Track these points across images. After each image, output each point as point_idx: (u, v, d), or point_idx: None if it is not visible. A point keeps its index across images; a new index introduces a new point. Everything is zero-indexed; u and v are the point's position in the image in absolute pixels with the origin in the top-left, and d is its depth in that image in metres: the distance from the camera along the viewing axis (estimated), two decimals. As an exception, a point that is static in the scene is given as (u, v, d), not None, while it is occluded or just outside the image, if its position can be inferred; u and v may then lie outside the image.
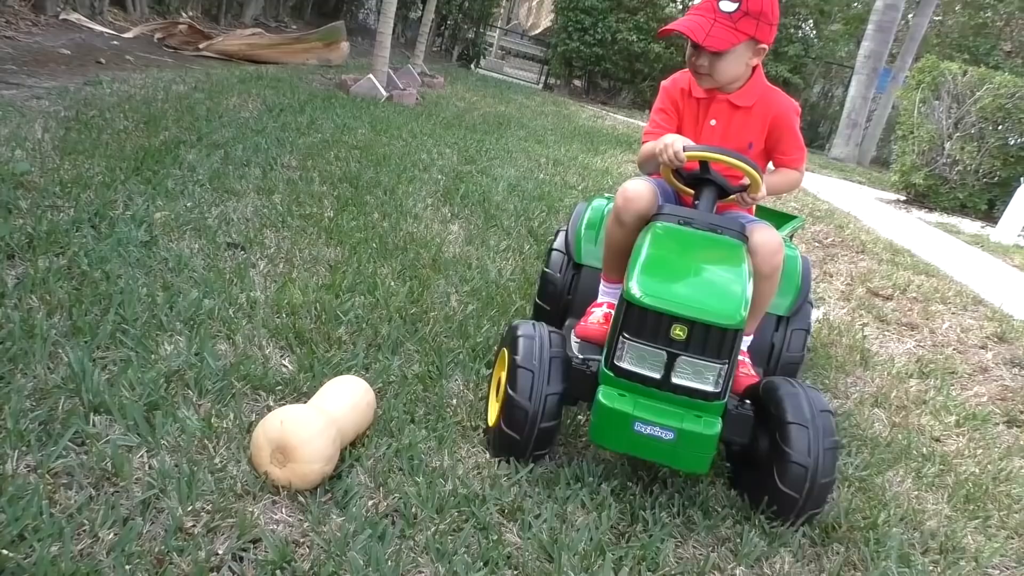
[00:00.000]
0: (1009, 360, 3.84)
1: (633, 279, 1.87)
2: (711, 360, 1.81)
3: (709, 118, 2.31)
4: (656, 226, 2.09)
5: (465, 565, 1.58)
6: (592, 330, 2.28)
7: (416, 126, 6.73)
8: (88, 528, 1.44)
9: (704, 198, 2.17)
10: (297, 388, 2.10)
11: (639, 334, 1.82)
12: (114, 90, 5.33)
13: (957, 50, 18.34)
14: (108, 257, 2.56)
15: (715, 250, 2.04)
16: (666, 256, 1.99)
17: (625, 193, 2.24)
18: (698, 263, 2.01)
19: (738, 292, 1.87)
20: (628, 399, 1.83)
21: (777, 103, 2.31)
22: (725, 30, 2.16)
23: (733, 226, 2.08)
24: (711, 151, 2.12)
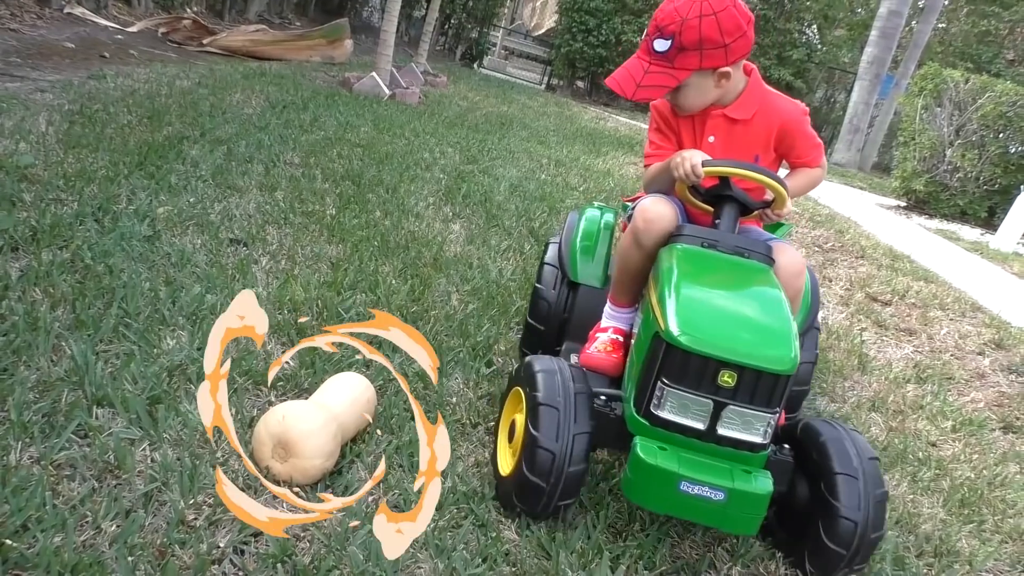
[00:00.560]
0: (1006, 367, 3.85)
1: (671, 317, 1.67)
2: (761, 409, 1.63)
3: (707, 135, 2.15)
4: (678, 249, 1.91)
5: (464, 561, 1.60)
6: (599, 359, 2.13)
7: (419, 125, 6.75)
8: (91, 520, 1.45)
9: (726, 216, 2.00)
10: (298, 384, 2.11)
11: (681, 380, 1.63)
12: (118, 84, 5.34)
13: (960, 58, 18.36)
14: (111, 251, 2.57)
15: (748, 279, 1.87)
16: (701, 288, 1.79)
17: (645, 214, 2.05)
18: (736, 296, 1.84)
19: (788, 333, 1.68)
20: (671, 454, 1.63)
21: (781, 110, 2.16)
22: (659, 75, 2.02)
23: (759, 248, 1.93)
24: (733, 165, 1.96)
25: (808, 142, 2.20)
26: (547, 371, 1.80)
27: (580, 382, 1.81)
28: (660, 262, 1.91)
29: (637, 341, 1.88)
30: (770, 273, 1.89)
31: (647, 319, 1.81)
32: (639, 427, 1.70)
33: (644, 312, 1.90)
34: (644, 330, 1.82)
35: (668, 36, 1.99)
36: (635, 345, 1.89)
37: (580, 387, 1.79)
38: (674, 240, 1.96)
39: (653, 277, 1.91)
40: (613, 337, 2.18)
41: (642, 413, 1.70)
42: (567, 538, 1.75)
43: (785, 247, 2.05)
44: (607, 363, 2.11)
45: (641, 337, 1.83)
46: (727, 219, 2.00)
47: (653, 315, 1.75)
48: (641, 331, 1.86)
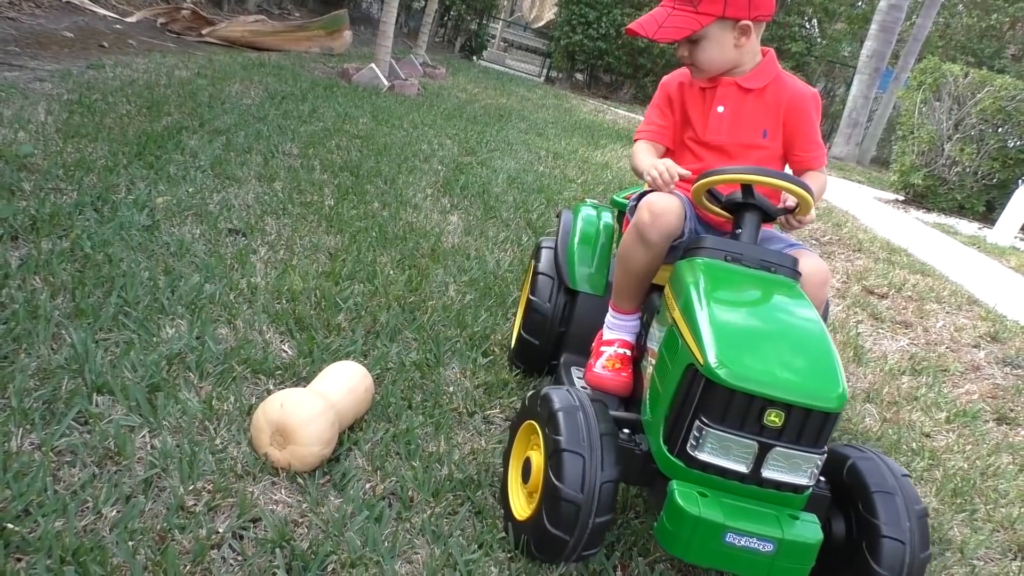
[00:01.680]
0: (1001, 359, 3.87)
1: (710, 349, 1.50)
2: (809, 450, 1.48)
3: (716, 104, 2.06)
4: (700, 264, 1.74)
5: (460, 547, 1.61)
6: (608, 380, 2.01)
7: (417, 116, 6.75)
8: (91, 505, 1.47)
9: (747, 226, 1.84)
10: (296, 373, 2.13)
11: (723, 420, 1.47)
12: (117, 74, 5.34)
13: (961, 52, 18.36)
14: (110, 240, 2.58)
15: (780, 299, 1.71)
16: (735, 313, 1.63)
17: (652, 207, 1.89)
18: (773, 321, 1.66)
19: (835, 366, 1.54)
20: (713, 502, 1.46)
21: (793, 86, 2.07)
22: (682, 17, 1.98)
23: (786, 262, 1.78)
24: (750, 172, 1.81)
25: (812, 135, 2.09)
26: (568, 410, 1.60)
27: (605, 420, 1.63)
28: (681, 278, 1.73)
29: (660, 367, 1.69)
30: (799, 290, 1.75)
31: (673, 344, 1.64)
32: (673, 469, 1.54)
33: (668, 337, 1.70)
34: (671, 357, 1.63)
35: None
36: (658, 372, 1.70)
37: (606, 427, 1.61)
38: (693, 253, 1.80)
39: (675, 294, 1.73)
40: (620, 352, 2.05)
41: (676, 453, 1.54)
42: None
43: (808, 255, 1.94)
44: (617, 383, 2.00)
45: (668, 366, 1.63)
46: (749, 229, 1.84)
47: (684, 343, 1.58)
48: (666, 357, 1.66)
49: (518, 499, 1.71)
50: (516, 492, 1.72)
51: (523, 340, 2.37)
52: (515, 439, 1.79)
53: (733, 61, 2.04)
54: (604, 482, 1.52)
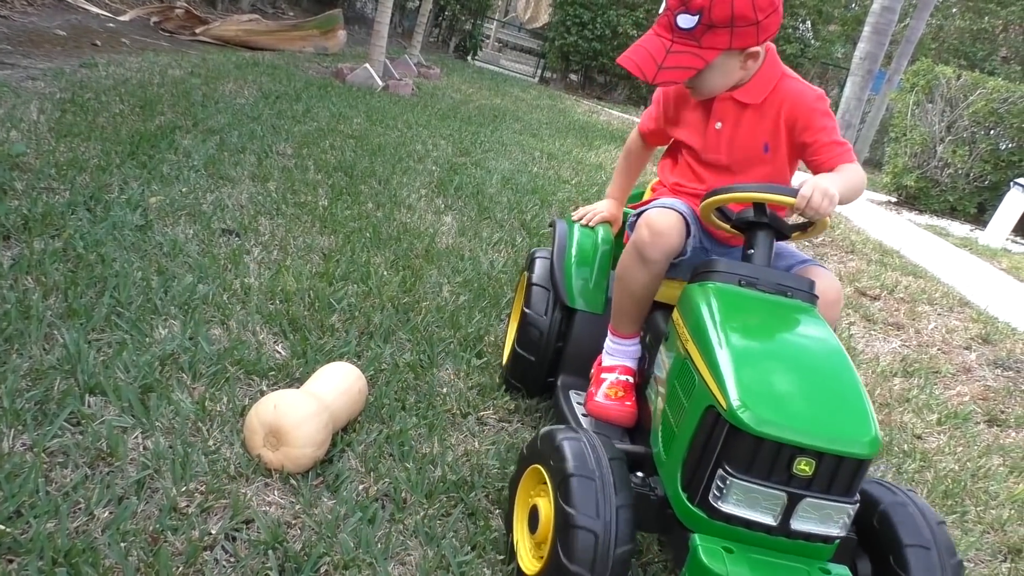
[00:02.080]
0: (992, 361, 3.89)
1: (732, 391, 1.39)
2: (841, 500, 1.38)
3: (714, 120, 1.94)
4: (713, 290, 1.62)
5: (453, 549, 1.62)
6: (611, 410, 1.89)
7: (411, 117, 6.74)
8: (84, 506, 1.47)
9: (761, 246, 1.72)
10: (290, 374, 2.13)
11: (749, 469, 1.36)
12: (110, 73, 5.32)
13: (954, 55, 18.44)
14: (103, 240, 2.58)
15: (800, 328, 1.60)
16: (756, 347, 1.53)
17: (652, 225, 1.79)
18: (795, 355, 1.54)
19: (866, 407, 1.43)
20: (740, 558, 1.36)
21: (789, 91, 1.89)
22: (684, 55, 1.79)
23: (803, 286, 1.67)
24: (752, 190, 1.71)
25: (825, 134, 1.88)
26: (571, 438, 1.52)
27: (610, 448, 1.55)
28: (693, 305, 1.62)
29: (673, 403, 1.58)
30: (820, 318, 1.63)
31: (688, 380, 1.53)
32: (695, 520, 1.43)
33: (681, 370, 1.59)
34: (687, 395, 1.52)
35: (695, 11, 1.75)
36: (670, 407, 1.59)
37: (614, 452, 1.53)
38: (705, 276, 1.67)
39: (686, 322, 1.62)
40: (623, 379, 1.93)
41: (697, 503, 1.43)
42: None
43: (822, 272, 1.83)
44: (621, 414, 1.88)
45: (683, 404, 1.52)
46: (762, 249, 1.72)
47: (702, 382, 1.47)
48: (680, 394, 1.56)
49: (526, 553, 1.58)
50: (524, 547, 1.60)
51: (517, 357, 2.25)
52: (517, 493, 1.66)
53: (737, 81, 1.90)
54: (620, 506, 1.42)
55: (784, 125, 1.90)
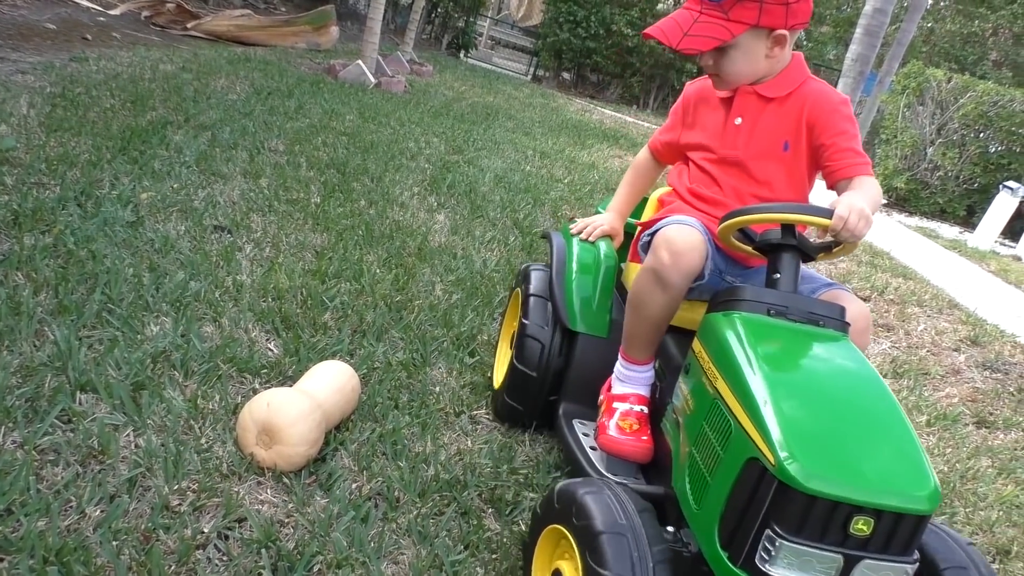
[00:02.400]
0: (981, 363, 3.92)
1: (779, 443, 1.24)
2: (901, 560, 1.25)
3: (733, 116, 1.87)
4: (740, 321, 1.48)
5: (446, 548, 1.62)
6: (626, 445, 1.74)
7: (404, 114, 6.73)
8: (75, 504, 1.46)
9: (787, 269, 1.58)
10: (282, 372, 2.12)
11: (801, 530, 1.23)
12: (100, 67, 5.29)
13: (945, 58, 18.54)
14: (94, 236, 2.56)
15: (842, 365, 1.47)
16: (798, 390, 1.38)
17: (672, 245, 1.65)
18: (843, 400, 1.39)
19: (922, 455, 1.31)
20: None
21: (812, 91, 1.83)
22: (711, 25, 1.74)
23: (834, 313, 1.54)
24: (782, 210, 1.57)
25: (844, 140, 1.79)
26: (593, 492, 1.38)
27: (636, 498, 1.40)
28: (721, 339, 1.48)
29: (703, 448, 1.43)
30: (853, 347, 1.52)
31: (722, 426, 1.38)
32: None
33: (710, 411, 1.44)
34: (722, 442, 1.37)
35: None
36: (700, 452, 1.44)
37: (642, 504, 1.39)
38: (729, 305, 1.54)
39: (714, 358, 1.48)
40: (636, 410, 1.79)
41: (741, 564, 1.29)
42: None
43: (849, 297, 1.72)
44: (638, 450, 1.74)
45: (718, 452, 1.38)
46: (789, 273, 1.58)
47: (740, 429, 1.33)
48: (713, 439, 1.41)
49: None
50: None
51: (517, 374, 2.07)
52: (534, 561, 1.53)
53: (763, 72, 1.83)
54: (658, 562, 1.29)
55: (805, 125, 1.82)
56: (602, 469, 1.75)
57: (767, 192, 1.87)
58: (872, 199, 1.66)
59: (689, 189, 1.95)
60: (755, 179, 1.87)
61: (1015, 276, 6.94)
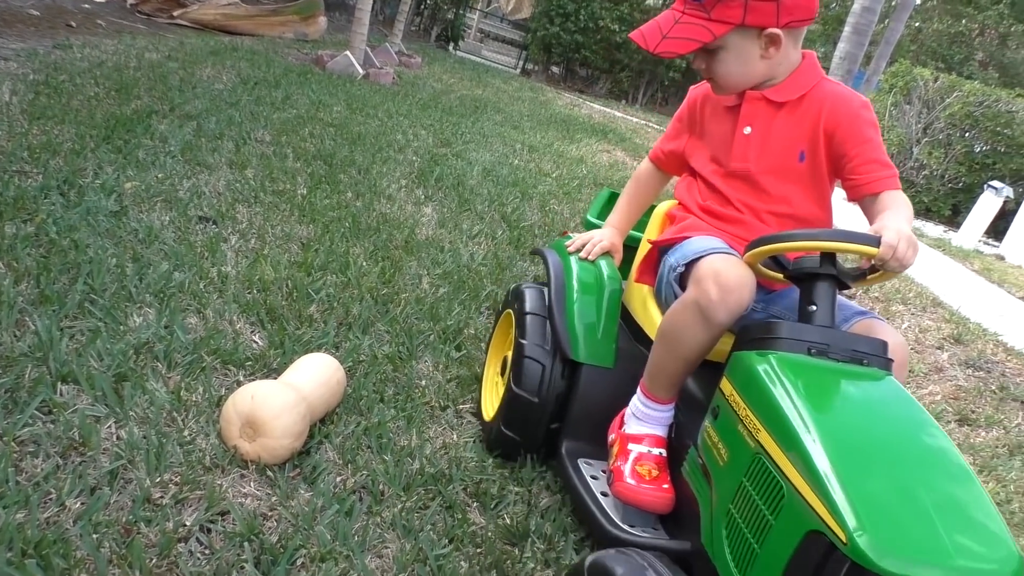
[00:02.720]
0: (964, 361, 3.95)
1: (849, 516, 1.08)
2: None
3: (742, 125, 1.72)
4: (780, 363, 1.33)
5: (431, 542, 1.61)
6: (645, 495, 1.58)
7: (392, 106, 6.69)
8: (55, 496, 1.44)
9: (824, 300, 1.44)
10: (267, 364, 2.10)
11: None
12: (85, 55, 5.22)
13: (932, 57, 18.66)
14: (77, 226, 2.53)
15: (897, 414, 1.32)
16: (858, 448, 1.22)
17: (720, 279, 1.49)
18: (907, 458, 1.24)
19: (1001, 522, 1.17)
20: None
21: (835, 92, 1.68)
22: (691, 26, 1.61)
23: (877, 349, 1.41)
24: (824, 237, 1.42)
25: (869, 150, 1.63)
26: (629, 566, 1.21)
27: (673, 568, 1.24)
28: (759, 384, 1.33)
29: (746, 511, 1.27)
30: (902, 390, 1.38)
31: (772, 489, 1.22)
32: None
33: (754, 470, 1.28)
34: (770, 506, 1.21)
35: None
36: (741, 515, 1.29)
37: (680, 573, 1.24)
38: (765, 344, 1.39)
39: (751, 404, 1.33)
40: (655, 454, 1.64)
41: None
42: (535, 523, 1.77)
43: (885, 328, 1.57)
44: (659, 500, 1.58)
45: (763, 516, 1.22)
46: (826, 305, 1.44)
47: (796, 496, 1.16)
48: (756, 500, 1.25)
49: None
50: None
51: (515, 399, 1.87)
52: None
53: (761, 75, 1.68)
54: None
55: (823, 132, 1.66)
56: (617, 520, 1.60)
57: (785, 208, 1.72)
58: (910, 219, 1.55)
59: (701, 205, 1.81)
60: (769, 194, 1.72)
61: (998, 275, 7.01)
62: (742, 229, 1.72)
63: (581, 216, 4.65)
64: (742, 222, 1.74)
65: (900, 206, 1.57)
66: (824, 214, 1.77)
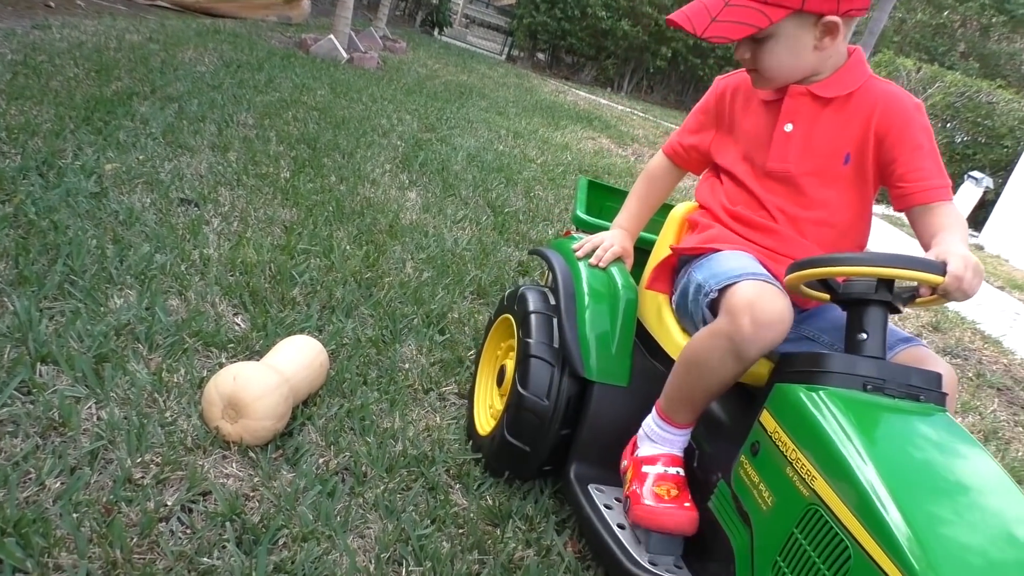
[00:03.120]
0: (942, 349, 4.00)
1: None
2: None
3: (783, 121, 1.58)
4: (835, 402, 1.22)
5: (413, 522, 1.62)
6: (666, 515, 1.47)
7: (377, 90, 6.66)
8: (35, 476, 1.43)
9: (875, 328, 1.32)
10: (250, 347, 2.10)
11: None
12: (64, 35, 5.15)
13: (915, 48, 18.77)
14: (56, 207, 2.50)
15: (961, 459, 1.21)
16: (931, 502, 1.10)
17: (757, 313, 1.35)
18: (977, 510, 1.13)
19: None
20: None
21: (888, 92, 1.55)
22: (745, 10, 1.46)
23: (932, 383, 1.30)
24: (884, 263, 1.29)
25: (921, 157, 1.51)
26: None
27: None
28: (812, 426, 1.21)
29: (800, 567, 1.15)
30: (961, 429, 1.27)
31: (829, 544, 1.11)
32: None
33: (809, 522, 1.16)
34: (830, 565, 1.10)
35: None
36: (790, 568, 1.17)
37: None
38: (813, 377, 1.28)
39: (802, 447, 1.21)
40: (672, 473, 1.52)
41: None
42: (516, 504, 1.78)
43: (932, 356, 1.46)
44: (682, 521, 1.46)
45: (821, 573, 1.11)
46: (878, 334, 1.32)
47: (865, 558, 1.05)
48: (811, 555, 1.14)
49: None
50: None
51: (522, 405, 1.71)
52: None
53: (811, 68, 1.55)
54: None
55: (874, 135, 1.53)
56: (637, 556, 1.46)
57: (823, 214, 1.59)
58: (967, 238, 1.44)
59: (728, 210, 1.66)
60: (808, 198, 1.59)
61: (977, 264, 7.07)
62: (775, 240, 1.59)
63: (566, 204, 4.66)
64: (775, 232, 1.59)
65: (957, 225, 1.45)
66: (862, 224, 1.65)
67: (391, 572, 1.50)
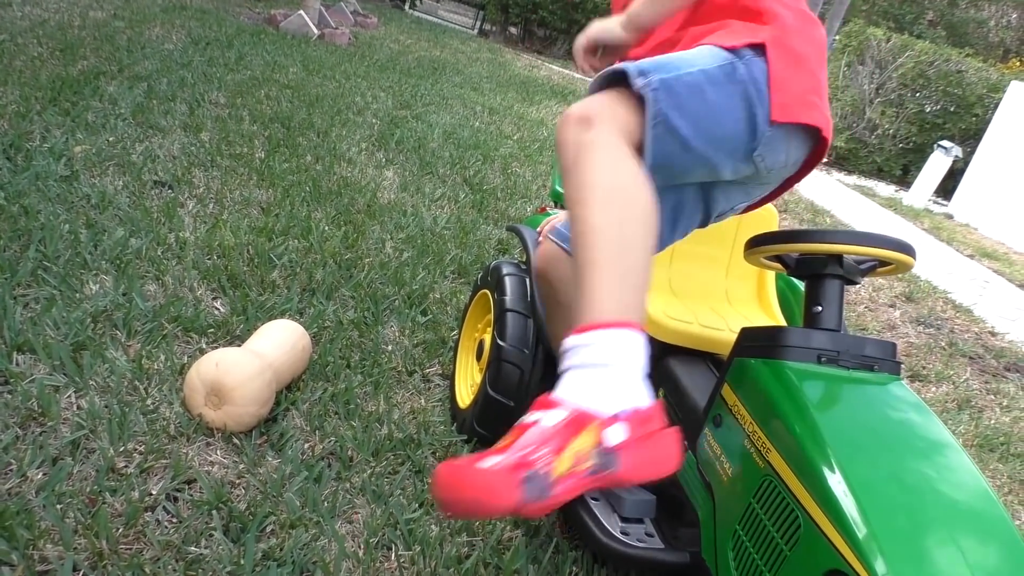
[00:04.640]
0: (915, 319, 4.07)
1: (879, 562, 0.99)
2: None
3: None
4: (790, 375, 1.25)
5: (400, 507, 1.62)
6: None
7: (349, 67, 6.56)
8: (16, 467, 1.41)
9: (831, 301, 1.34)
10: (230, 331, 2.07)
11: None
12: (25, 13, 5.01)
13: (884, 17, 18.84)
14: (26, 191, 2.45)
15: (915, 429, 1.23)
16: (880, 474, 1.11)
17: None
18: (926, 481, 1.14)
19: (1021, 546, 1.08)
20: None
21: None
22: None
23: (886, 352, 1.31)
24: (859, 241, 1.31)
25: None
26: None
27: None
28: (768, 398, 1.24)
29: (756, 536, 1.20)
30: (915, 397, 1.29)
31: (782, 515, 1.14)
32: None
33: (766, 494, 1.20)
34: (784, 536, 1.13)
35: None
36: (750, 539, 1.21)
37: None
38: (771, 352, 1.29)
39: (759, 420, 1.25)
40: None
41: None
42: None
43: None
44: None
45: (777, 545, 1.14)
46: (834, 307, 1.34)
47: (814, 529, 1.08)
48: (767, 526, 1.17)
49: None
50: None
51: (489, 402, 1.78)
52: None
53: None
54: None
55: None
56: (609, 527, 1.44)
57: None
58: None
59: None
60: None
61: (947, 234, 7.20)
62: None
63: (544, 181, 4.64)
64: None
65: None
66: None
67: (380, 557, 1.50)
